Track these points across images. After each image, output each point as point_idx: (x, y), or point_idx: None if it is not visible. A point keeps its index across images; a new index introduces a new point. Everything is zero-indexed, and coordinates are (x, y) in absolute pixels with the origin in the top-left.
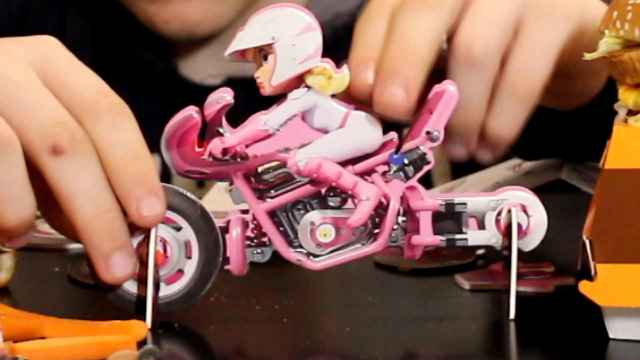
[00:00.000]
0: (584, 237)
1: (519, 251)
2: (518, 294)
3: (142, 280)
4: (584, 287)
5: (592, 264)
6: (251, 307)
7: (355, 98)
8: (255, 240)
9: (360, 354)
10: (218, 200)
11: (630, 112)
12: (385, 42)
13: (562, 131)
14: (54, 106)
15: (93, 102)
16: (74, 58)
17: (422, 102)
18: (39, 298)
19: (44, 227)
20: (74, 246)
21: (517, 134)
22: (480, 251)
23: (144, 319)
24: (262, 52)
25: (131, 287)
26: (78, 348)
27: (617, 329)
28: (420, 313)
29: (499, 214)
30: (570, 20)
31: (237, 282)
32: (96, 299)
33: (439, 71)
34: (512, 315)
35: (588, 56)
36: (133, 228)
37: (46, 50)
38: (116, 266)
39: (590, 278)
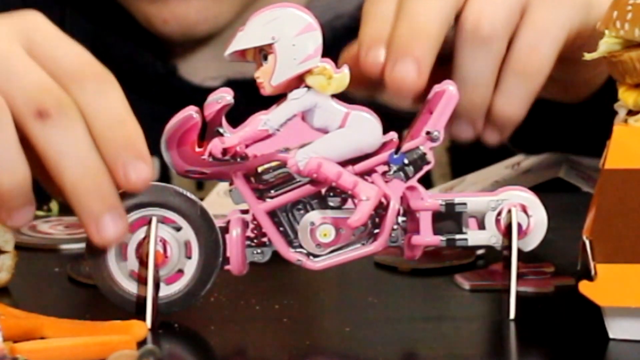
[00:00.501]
0: (584, 237)
1: (519, 251)
2: (518, 294)
3: (142, 281)
4: (584, 287)
5: (592, 264)
6: (251, 307)
7: (366, 78)
8: (255, 241)
9: (360, 354)
10: (217, 203)
11: (631, 112)
12: (394, 22)
13: (566, 124)
14: (40, 74)
15: (78, 70)
16: (58, 31)
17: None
18: (39, 298)
19: (43, 227)
20: (74, 246)
21: (524, 115)
22: (480, 251)
23: (144, 319)
24: (262, 52)
25: (131, 287)
26: (78, 348)
27: (617, 329)
28: (420, 313)
29: (499, 214)
30: (576, 5)
31: (237, 282)
32: (96, 299)
33: (443, 58)
34: (512, 315)
35: (588, 56)
36: (134, 226)
37: (31, 24)
38: (107, 228)
39: (590, 278)
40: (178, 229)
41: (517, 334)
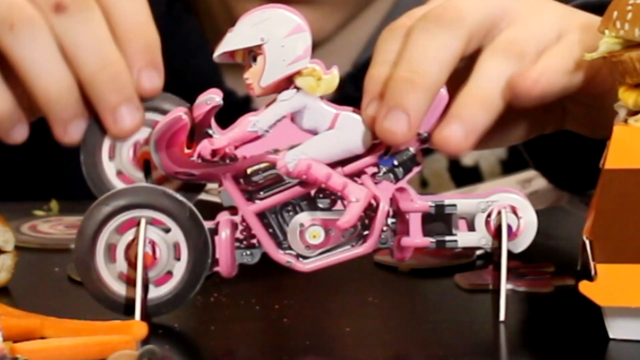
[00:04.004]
0: (584, 237)
1: (510, 252)
2: (518, 294)
3: (130, 283)
4: (584, 287)
5: (592, 264)
6: (251, 307)
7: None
8: (244, 242)
9: (360, 354)
10: None
11: (631, 112)
12: (395, 62)
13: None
14: None
15: None
16: None
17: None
18: (39, 298)
19: (43, 227)
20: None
21: None
22: (480, 251)
23: None
24: (252, 53)
25: (120, 289)
26: (78, 348)
27: (617, 329)
28: (420, 313)
29: (489, 215)
30: None
31: (237, 282)
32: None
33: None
34: (502, 317)
35: (588, 56)
36: (123, 228)
37: None
38: (124, 118)
39: (590, 278)
40: (167, 230)
41: (517, 334)
